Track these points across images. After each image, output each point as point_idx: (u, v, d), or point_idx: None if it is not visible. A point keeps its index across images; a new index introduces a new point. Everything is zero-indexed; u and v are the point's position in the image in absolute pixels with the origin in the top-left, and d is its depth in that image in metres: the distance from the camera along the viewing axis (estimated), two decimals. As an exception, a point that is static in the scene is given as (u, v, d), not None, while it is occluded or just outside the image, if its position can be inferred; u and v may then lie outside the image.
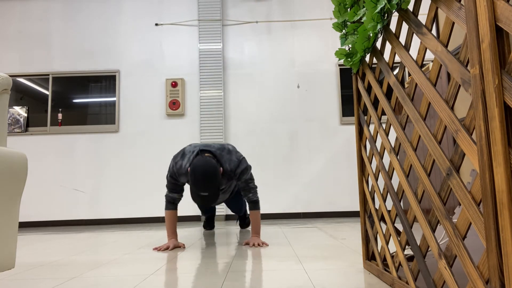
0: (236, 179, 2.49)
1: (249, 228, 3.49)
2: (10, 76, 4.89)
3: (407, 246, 1.99)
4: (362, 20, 1.46)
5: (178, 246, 2.45)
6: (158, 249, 2.38)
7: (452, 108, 0.91)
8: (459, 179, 0.86)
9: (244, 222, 3.47)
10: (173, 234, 2.49)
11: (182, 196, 2.52)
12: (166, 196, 2.50)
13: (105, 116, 4.93)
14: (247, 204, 3.45)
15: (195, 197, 2.20)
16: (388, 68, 1.29)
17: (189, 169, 2.26)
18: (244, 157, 2.49)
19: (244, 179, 2.47)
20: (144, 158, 4.79)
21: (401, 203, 1.49)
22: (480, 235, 0.78)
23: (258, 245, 2.41)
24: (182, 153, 2.45)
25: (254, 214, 2.52)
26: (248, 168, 2.48)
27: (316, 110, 4.85)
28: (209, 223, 3.50)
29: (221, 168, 2.35)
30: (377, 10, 1.23)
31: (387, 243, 1.39)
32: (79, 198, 4.74)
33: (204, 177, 2.16)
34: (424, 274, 1.06)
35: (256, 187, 2.54)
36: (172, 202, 2.49)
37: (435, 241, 0.99)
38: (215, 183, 2.17)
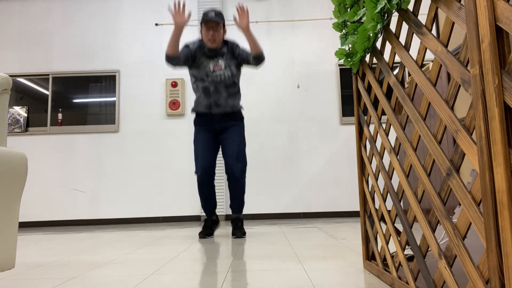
0: (237, 54, 2.93)
1: (242, 233, 2.94)
2: (10, 76, 4.89)
3: (407, 246, 1.99)
4: (362, 20, 1.46)
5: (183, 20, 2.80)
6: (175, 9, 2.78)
7: (452, 108, 0.91)
8: (459, 179, 0.86)
9: (236, 226, 2.99)
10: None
11: (181, 60, 2.88)
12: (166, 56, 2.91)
13: (105, 116, 4.93)
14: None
15: (203, 19, 2.81)
16: (388, 68, 1.29)
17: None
18: None
19: (245, 50, 2.96)
20: (144, 158, 4.79)
21: (401, 203, 1.49)
22: (480, 235, 0.78)
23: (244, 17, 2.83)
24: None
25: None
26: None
27: (316, 110, 4.85)
28: (208, 226, 3.01)
29: (226, 31, 2.99)
30: (377, 10, 1.23)
31: (387, 243, 1.39)
32: (79, 198, 4.74)
33: (212, 10, 2.84)
34: (424, 274, 1.06)
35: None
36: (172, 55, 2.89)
37: (435, 241, 0.99)
38: (221, 13, 2.85)
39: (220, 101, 2.92)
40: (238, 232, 2.92)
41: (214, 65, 2.91)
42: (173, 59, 2.85)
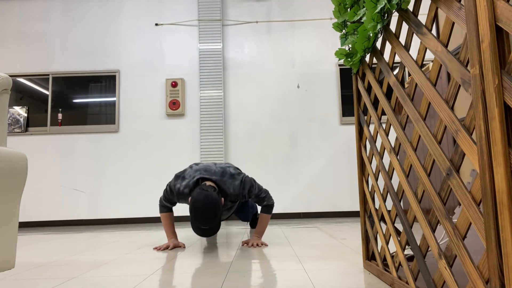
0: (246, 199, 2.46)
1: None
2: (10, 76, 4.89)
3: (407, 246, 1.99)
4: (362, 20, 1.46)
5: (178, 246, 2.44)
6: (158, 248, 2.38)
7: (452, 108, 0.91)
8: (459, 179, 0.86)
9: (254, 222, 3.35)
10: (172, 234, 2.50)
11: (174, 204, 2.53)
12: (161, 201, 2.49)
13: (105, 116, 4.93)
14: (255, 209, 3.27)
15: (196, 230, 2.14)
16: (388, 68, 1.29)
17: (189, 199, 2.21)
18: (245, 175, 2.42)
19: (254, 195, 2.43)
20: (144, 158, 4.79)
21: (401, 203, 1.49)
22: (480, 235, 0.78)
23: (257, 245, 2.39)
24: (182, 176, 2.40)
25: (264, 216, 2.52)
26: (253, 184, 2.41)
27: (316, 110, 4.85)
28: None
29: (222, 199, 2.27)
30: (377, 10, 1.23)
31: (387, 243, 1.39)
32: (79, 198, 4.74)
33: (204, 213, 2.09)
34: (424, 274, 1.06)
35: (267, 192, 2.49)
36: (167, 207, 2.51)
37: (435, 241, 0.99)
38: (215, 217, 2.12)
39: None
40: (254, 224, 3.25)
41: None
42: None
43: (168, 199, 2.45)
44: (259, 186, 2.45)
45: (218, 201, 2.14)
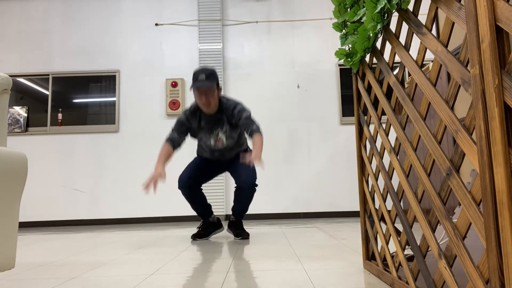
0: (236, 120, 2.64)
1: (246, 234, 2.83)
2: (10, 76, 4.89)
3: (407, 246, 1.99)
4: (362, 20, 1.46)
5: (160, 175, 2.45)
6: (146, 185, 2.39)
7: (452, 108, 0.91)
8: (459, 179, 0.86)
9: (237, 227, 2.86)
10: (161, 163, 2.58)
11: (182, 140, 2.71)
12: (168, 135, 2.71)
13: (105, 116, 4.93)
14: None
15: (194, 80, 2.57)
16: (388, 68, 1.29)
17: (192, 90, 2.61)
18: (242, 103, 2.72)
19: (244, 116, 2.62)
20: (144, 158, 4.79)
21: (401, 203, 1.49)
22: (480, 235, 0.78)
23: (256, 160, 2.37)
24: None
25: (256, 137, 2.56)
26: (245, 108, 2.66)
27: (316, 110, 4.85)
28: (202, 228, 2.89)
29: (221, 89, 2.71)
30: (377, 10, 1.23)
31: (387, 243, 1.39)
32: (79, 198, 4.74)
33: (202, 68, 2.60)
34: (424, 274, 1.06)
35: (257, 122, 2.64)
36: (171, 139, 2.67)
37: (435, 241, 0.99)
38: (212, 70, 2.58)
39: (226, 156, 2.86)
40: (242, 233, 2.79)
41: (215, 141, 2.75)
42: (175, 149, 2.71)
43: (178, 126, 2.71)
44: (251, 114, 2.68)
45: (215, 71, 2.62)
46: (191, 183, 2.78)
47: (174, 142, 2.68)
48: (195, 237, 2.81)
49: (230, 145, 2.79)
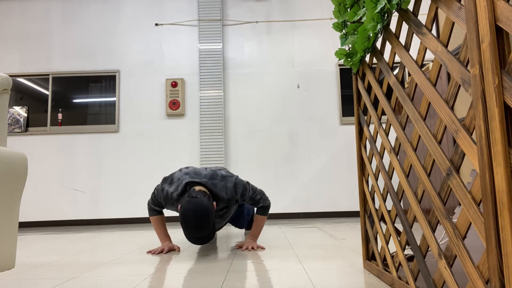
0: (239, 202, 2.34)
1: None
2: (10, 76, 4.89)
3: (407, 246, 1.99)
4: (362, 20, 1.46)
5: (173, 249, 2.32)
6: (152, 252, 2.27)
7: (452, 108, 0.91)
8: (459, 179, 0.86)
9: (250, 225, 3.06)
10: (165, 237, 2.38)
11: (162, 208, 2.37)
12: (149, 205, 2.37)
13: (105, 116, 4.93)
14: (250, 215, 3.01)
15: (190, 239, 2.01)
16: (388, 68, 1.29)
17: (179, 207, 2.07)
18: (238, 177, 2.29)
19: (248, 197, 2.29)
20: (144, 158, 4.79)
21: (401, 203, 1.49)
22: (480, 235, 0.78)
23: (253, 248, 2.27)
24: (170, 179, 2.27)
25: (260, 218, 2.40)
26: (246, 187, 2.27)
27: (316, 110, 4.85)
28: None
29: (214, 203, 2.11)
30: (377, 10, 1.23)
31: (387, 243, 1.39)
32: (79, 198, 4.74)
33: (196, 221, 1.95)
34: (424, 274, 1.06)
35: (263, 193, 2.35)
36: (156, 210, 2.38)
37: (435, 241, 0.99)
38: (209, 223, 1.97)
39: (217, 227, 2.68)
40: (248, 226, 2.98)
41: None
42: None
43: (157, 203, 2.32)
44: (253, 188, 2.31)
45: (209, 207, 2.00)
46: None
47: (158, 210, 2.39)
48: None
49: (222, 226, 2.70)
